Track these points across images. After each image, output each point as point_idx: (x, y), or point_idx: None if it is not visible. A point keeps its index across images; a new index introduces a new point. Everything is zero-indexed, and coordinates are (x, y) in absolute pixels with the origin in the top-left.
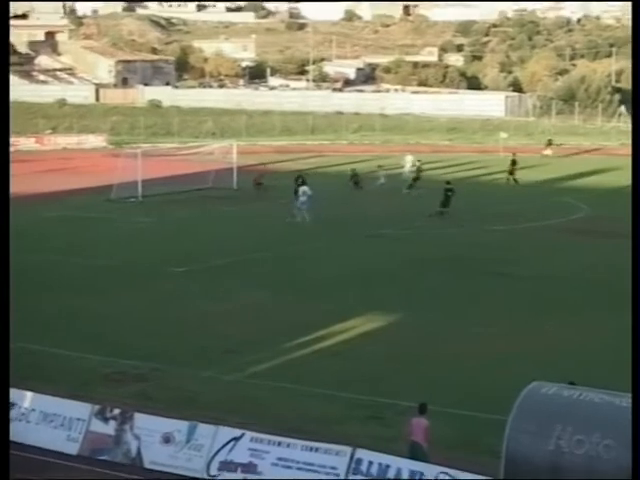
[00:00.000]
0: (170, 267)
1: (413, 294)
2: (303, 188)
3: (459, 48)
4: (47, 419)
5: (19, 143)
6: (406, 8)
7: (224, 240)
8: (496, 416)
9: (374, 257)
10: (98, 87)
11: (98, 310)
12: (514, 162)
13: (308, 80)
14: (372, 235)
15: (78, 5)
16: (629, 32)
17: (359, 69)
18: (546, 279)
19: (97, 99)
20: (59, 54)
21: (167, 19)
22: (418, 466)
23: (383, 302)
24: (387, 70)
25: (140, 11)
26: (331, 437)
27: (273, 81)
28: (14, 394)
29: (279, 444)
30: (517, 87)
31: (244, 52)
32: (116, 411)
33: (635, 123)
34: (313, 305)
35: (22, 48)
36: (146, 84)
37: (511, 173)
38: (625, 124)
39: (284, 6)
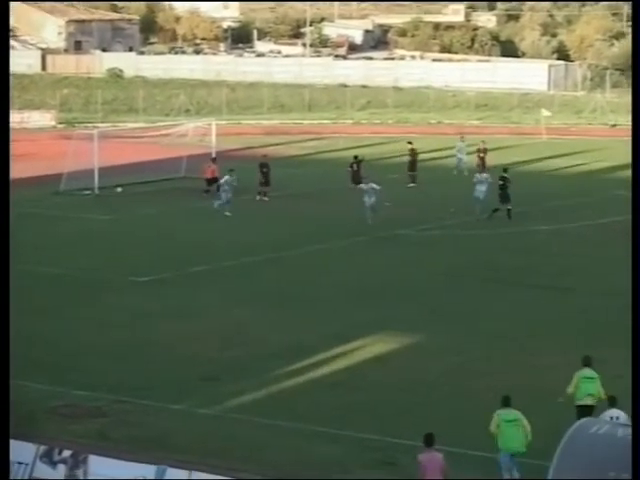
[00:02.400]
0: (132, 276)
1: (436, 310)
2: (230, 178)
3: (491, 6)
4: None
5: None
6: None
7: (200, 242)
8: (537, 461)
9: (386, 264)
10: (45, 53)
11: (43, 329)
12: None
13: (304, 45)
14: (385, 237)
15: None
16: None
17: (367, 31)
18: (607, 295)
19: (44, 68)
20: None
21: None
22: None
23: (397, 320)
24: (402, 33)
25: None
26: None
27: (261, 46)
28: None
29: None
30: (563, 54)
31: (225, 10)
32: (66, 453)
33: (635, 122)
34: (310, 323)
35: None
36: (104, 49)
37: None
38: None
39: None
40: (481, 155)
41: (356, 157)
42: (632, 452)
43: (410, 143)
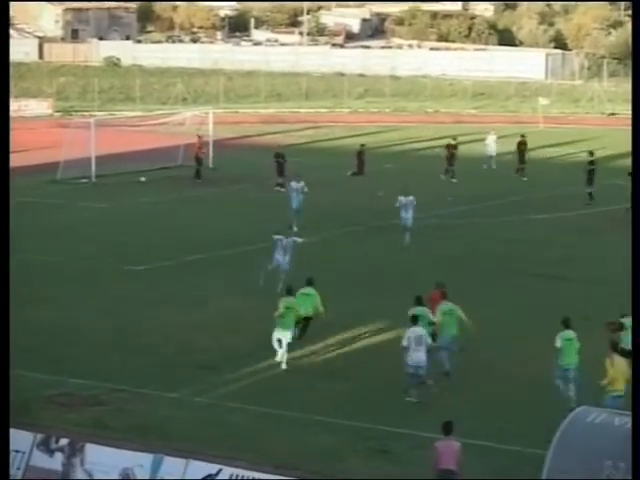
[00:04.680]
0: (129, 265)
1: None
2: (297, 184)
3: None
4: None
5: None
6: None
7: (196, 231)
8: (532, 450)
9: (383, 253)
10: (42, 41)
11: (39, 318)
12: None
13: (302, 34)
14: (382, 226)
15: None
16: None
17: (365, 20)
18: (603, 284)
19: (41, 56)
20: None
21: None
22: None
23: (393, 308)
24: (399, 21)
25: None
26: (328, 475)
27: (258, 35)
28: None
29: None
30: (560, 43)
31: None
32: (63, 441)
33: (635, 121)
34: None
35: None
36: (101, 38)
37: (522, 162)
38: None
39: None
40: (522, 148)
41: (363, 145)
42: (632, 451)
43: (454, 139)
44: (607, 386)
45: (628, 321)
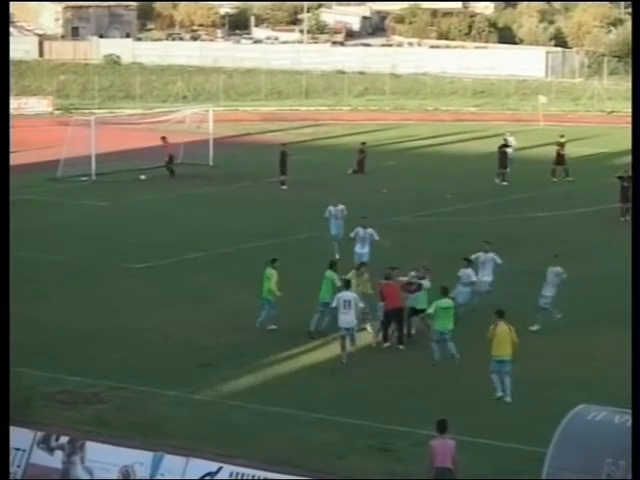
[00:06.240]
0: (129, 263)
1: (431, 297)
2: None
3: None
4: None
5: None
6: None
7: (196, 229)
8: (531, 447)
9: (382, 250)
10: (42, 39)
11: (39, 316)
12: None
13: (302, 31)
14: (381, 224)
15: None
16: None
17: (365, 18)
18: (598, 282)
19: (41, 54)
20: None
21: None
22: None
23: None
24: (400, 19)
25: None
26: (329, 472)
27: (258, 32)
28: None
29: None
30: (560, 41)
31: None
32: (64, 439)
33: (635, 119)
34: (306, 310)
35: None
36: (101, 35)
37: (559, 162)
38: None
39: None
40: (560, 152)
41: (363, 143)
42: (632, 449)
43: (505, 140)
44: (491, 351)
45: (425, 283)
